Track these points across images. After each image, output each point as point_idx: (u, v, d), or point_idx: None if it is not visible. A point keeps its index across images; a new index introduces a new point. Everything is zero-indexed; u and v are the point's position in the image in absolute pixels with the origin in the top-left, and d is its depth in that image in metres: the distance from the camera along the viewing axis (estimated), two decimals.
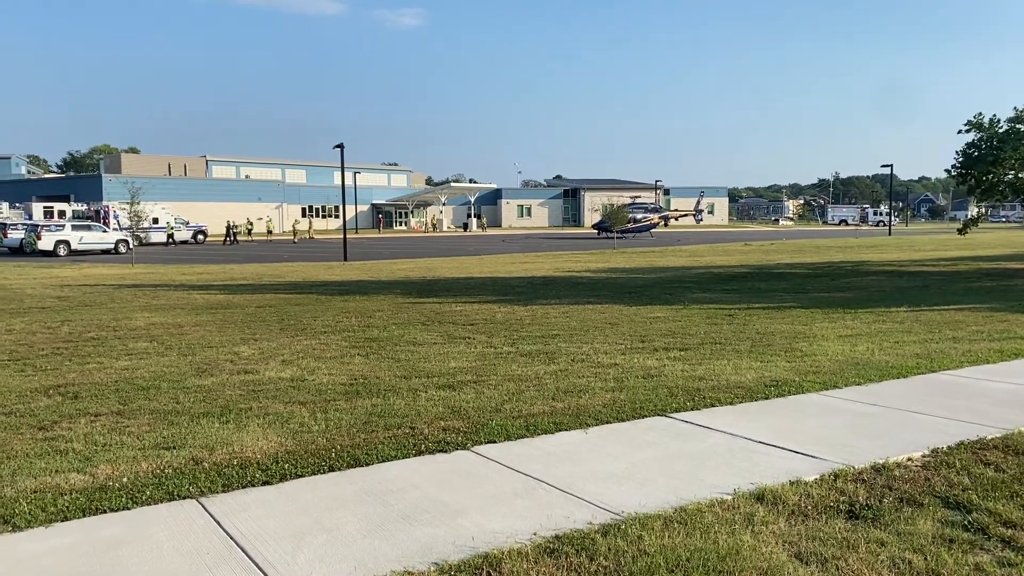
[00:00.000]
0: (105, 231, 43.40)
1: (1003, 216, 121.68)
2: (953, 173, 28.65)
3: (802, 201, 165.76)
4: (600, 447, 6.00)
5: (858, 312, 14.05)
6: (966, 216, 64.28)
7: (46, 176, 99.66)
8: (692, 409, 7.08)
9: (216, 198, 73.67)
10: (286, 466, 5.55)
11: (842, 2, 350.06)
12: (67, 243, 40.37)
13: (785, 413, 7.00)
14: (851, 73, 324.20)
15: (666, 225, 75.77)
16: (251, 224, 65.14)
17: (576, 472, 5.41)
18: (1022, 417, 6.70)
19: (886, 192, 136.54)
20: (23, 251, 40.92)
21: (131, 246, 37.66)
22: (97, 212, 51.45)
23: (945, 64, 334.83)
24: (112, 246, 41.93)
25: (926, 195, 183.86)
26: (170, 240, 51.89)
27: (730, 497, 4.89)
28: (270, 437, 6.31)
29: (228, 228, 56.99)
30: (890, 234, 68.92)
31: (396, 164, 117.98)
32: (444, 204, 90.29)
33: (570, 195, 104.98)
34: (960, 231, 30.40)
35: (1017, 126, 25.67)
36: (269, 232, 69.70)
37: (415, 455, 5.84)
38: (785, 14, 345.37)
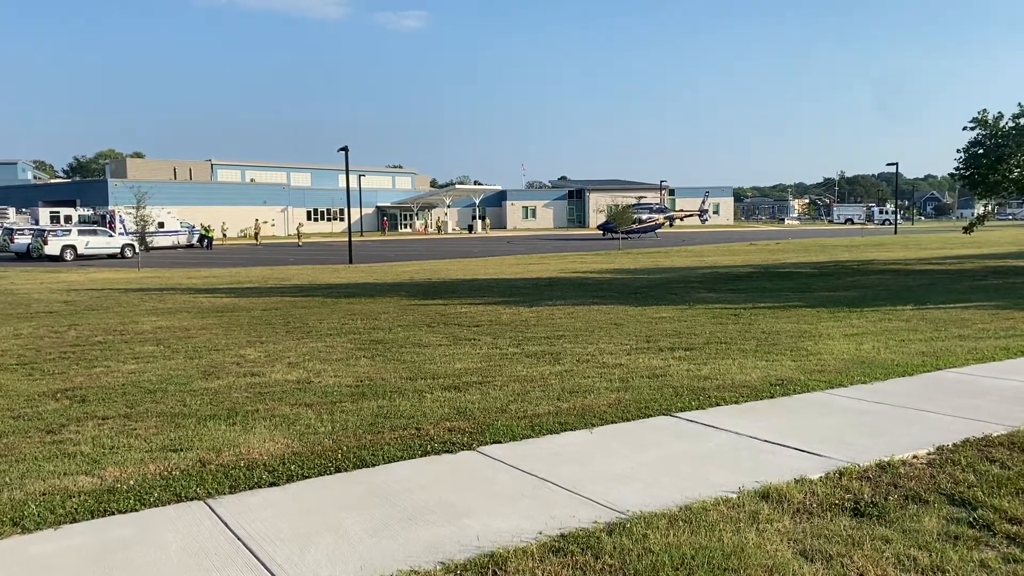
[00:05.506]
0: (111, 235, 43.50)
1: (1010, 214, 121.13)
2: (956, 176, 28.49)
3: (807, 200, 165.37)
4: (605, 447, 6.01)
5: (864, 311, 14.03)
6: (972, 214, 63.85)
7: (52, 181, 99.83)
8: (697, 408, 7.09)
9: (221, 202, 73.81)
10: (293, 467, 5.58)
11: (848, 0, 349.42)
12: (73, 248, 40.51)
13: (790, 412, 7.00)
14: (857, 71, 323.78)
15: (671, 225, 75.70)
16: (210, 228, 63.66)
17: (581, 472, 5.43)
18: None
19: (892, 190, 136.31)
20: (30, 256, 41.04)
21: (136, 250, 37.76)
22: (103, 217, 51.54)
23: (952, 61, 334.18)
24: (118, 250, 42.10)
25: (932, 193, 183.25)
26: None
27: (735, 496, 4.90)
28: (277, 439, 6.34)
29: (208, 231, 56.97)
30: (896, 232, 68.73)
31: (401, 166, 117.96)
32: (449, 206, 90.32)
33: (575, 196, 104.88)
34: (966, 230, 30.08)
35: (1022, 122, 25.56)
36: (224, 235, 66.61)
37: (421, 456, 5.86)
38: (789, 13, 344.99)
